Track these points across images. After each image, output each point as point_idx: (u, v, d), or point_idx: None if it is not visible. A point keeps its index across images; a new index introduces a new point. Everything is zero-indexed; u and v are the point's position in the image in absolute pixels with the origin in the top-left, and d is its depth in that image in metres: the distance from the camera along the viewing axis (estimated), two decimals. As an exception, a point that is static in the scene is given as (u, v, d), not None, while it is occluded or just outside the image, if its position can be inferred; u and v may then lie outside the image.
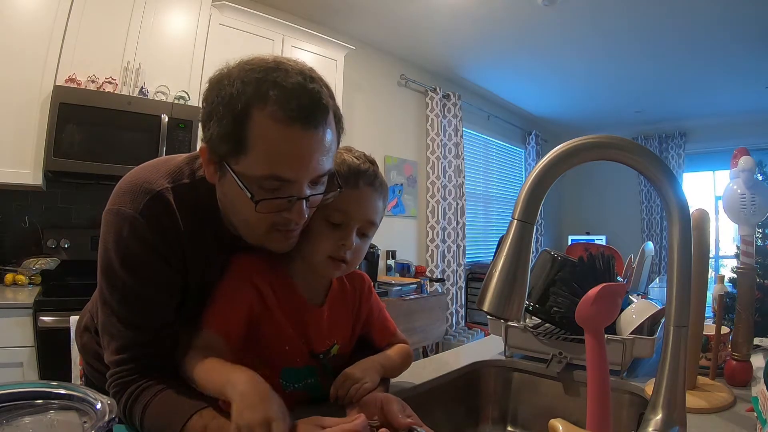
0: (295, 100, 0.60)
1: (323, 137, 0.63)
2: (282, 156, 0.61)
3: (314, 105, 0.62)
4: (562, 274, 1.02)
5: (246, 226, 0.69)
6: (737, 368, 0.90)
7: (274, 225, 0.67)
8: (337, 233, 0.72)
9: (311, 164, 0.63)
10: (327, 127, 0.64)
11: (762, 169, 0.94)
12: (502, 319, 1.05)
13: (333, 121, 0.67)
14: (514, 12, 3.24)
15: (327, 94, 0.65)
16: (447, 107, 4.45)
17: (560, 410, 0.98)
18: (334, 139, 0.67)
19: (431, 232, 4.33)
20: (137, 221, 0.66)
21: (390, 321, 0.92)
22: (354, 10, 3.29)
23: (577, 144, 0.52)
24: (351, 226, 0.72)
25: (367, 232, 0.76)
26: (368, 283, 0.89)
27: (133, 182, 0.70)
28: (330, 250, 0.72)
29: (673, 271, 0.53)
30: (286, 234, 0.69)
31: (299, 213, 0.65)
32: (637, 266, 1.63)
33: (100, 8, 2.23)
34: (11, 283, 2.11)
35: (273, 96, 0.59)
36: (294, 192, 0.64)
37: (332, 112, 0.66)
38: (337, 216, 0.72)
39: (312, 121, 0.61)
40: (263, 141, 0.60)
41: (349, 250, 0.73)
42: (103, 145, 2.15)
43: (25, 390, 0.48)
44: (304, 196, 0.64)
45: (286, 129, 0.60)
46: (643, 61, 3.98)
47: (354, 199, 0.72)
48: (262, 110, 0.59)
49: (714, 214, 4.75)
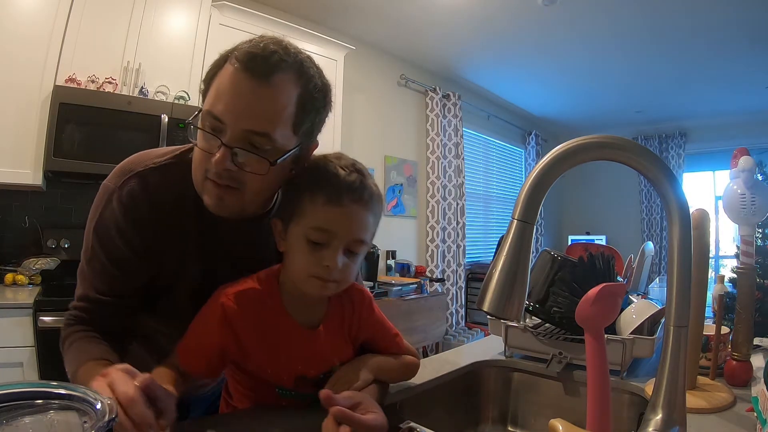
0: (254, 53, 0.64)
1: (264, 91, 0.64)
2: (221, 94, 0.65)
3: (266, 59, 0.63)
4: (562, 274, 1.02)
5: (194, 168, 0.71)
6: (737, 368, 0.90)
7: (206, 172, 0.68)
8: (319, 253, 0.66)
9: (240, 109, 0.64)
10: (273, 86, 0.64)
11: (762, 169, 0.94)
12: (502, 319, 1.05)
13: (290, 91, 0.66)
14: (514, 12, 3.24)
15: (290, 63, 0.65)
16: (447, 107, 4.45)
17: (560, 410, 0.98)
18: (288, 110, 0.66)
19: (431, 232, 4.33)
20: (114, 195, 0.72)
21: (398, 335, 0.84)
22: (354, 10, 3.29)
23: (577, 144, 0.52)
24: (335, 246, 0.66)
25: (357, 250, 0.69)
26: (368, 300, 0.81)
27: (126, 162, 0.76)
28: (312, 270, 0.67)
29: (673, 271, 0.53)
30: (216, 189, 0.67)
31: (219, 159, 0.64)
32: (637, 266, 1.63)
33: (100, 8, 2.24)
34: (11, 283, 2.11)
35: (241, 49, 0.65)
36: (224, 137, 0.65)
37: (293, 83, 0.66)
38: (316, 235, 0.66)
39: (256, 71, 0.63)
40: (216, 82, 0.66)
41: (336, 271, 0.67)
42: (103, 145, 2.15)
43: (25, 390, 0.48)
44: (228, 145, 0.64)
45: (234, 74, 0.64)
46: (643, 61, 3.98)
47: (337, 218, 0.66)
48: (230, 62, 0.65)
49: (714, 214, 4.75)
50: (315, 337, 0.74)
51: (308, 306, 0.75)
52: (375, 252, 3.36)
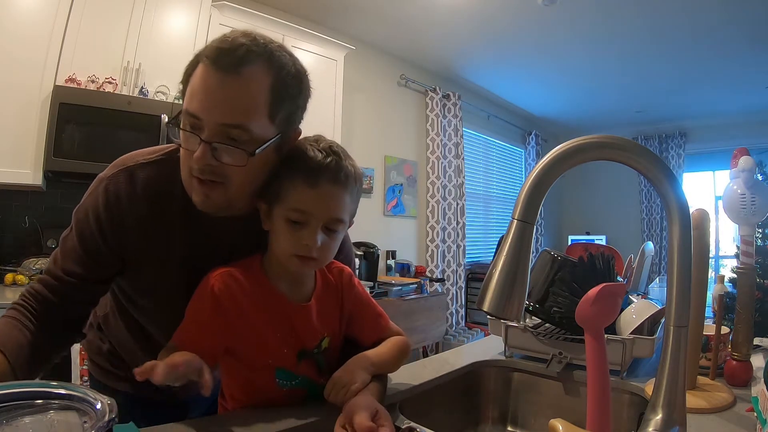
0: (221, 48, 0.65)
1: (234, 84, 0.65)
2: (194, 92, 0.66)
3: (233, 53, 0.64)
4: (562, 274, 1.02)
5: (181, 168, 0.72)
6: (737, 368, 0.90)
7: (191, 170, 0.69)
8: (299, 232, 0.70)
9: (213, 104, 0.65)
10: (243, 77, 0.65)
11: (762, 169, 0.94)
12: (502, 319, 1.05)
13: (261, 81, 0.66)
14: (514, 12, 3.24)
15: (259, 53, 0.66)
16: (447, 107, 4.45)
17: (560, 410, 0.98)
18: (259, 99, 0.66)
19: (431, 232, 4.33)
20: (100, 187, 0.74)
21: (382, 315, 0.88)
22: (354, 10, 3.29)
23: (577, 144, 0.52)
24: (312, 224, 0.70)
25: (335, 228, 0.73)
26: (348, 274, 0.86)
27: (121, 157, 0.78)
28: (294, 249, 0.70)
29: (673, 271, 0.53)
30: (202, 185, 0.69)
31: (198, 155, 0.66)
32: (637, 266, 1.63)
33: (100, 8, 2.23)
34: (11, 283, 2.10)
35: (209, 47, 0.66)
36: (202, 134, 0.66)
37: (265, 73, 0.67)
38: (295, 215, 0.70)
39: (223, 65, 0.64)
40: (191, 82, 0.67)
41: (315, 248, 0.70)
42: (103, 145, 2.15)
43: (25, 390, 0.48)
44: (206, 140, 0.65)
45: (205, 71, 0.65)
46: (643, 61, 3.98)
47: (313, 198, 0.70)
48: (201, 61, 0.66)
49: (714, 214, 4.75)
50: (307, 310, 0.77)
51: (296, 282, 0.78)
52: (375, 252, 3.36)
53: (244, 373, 0.76)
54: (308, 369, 0.78)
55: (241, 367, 0.76)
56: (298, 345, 0.77)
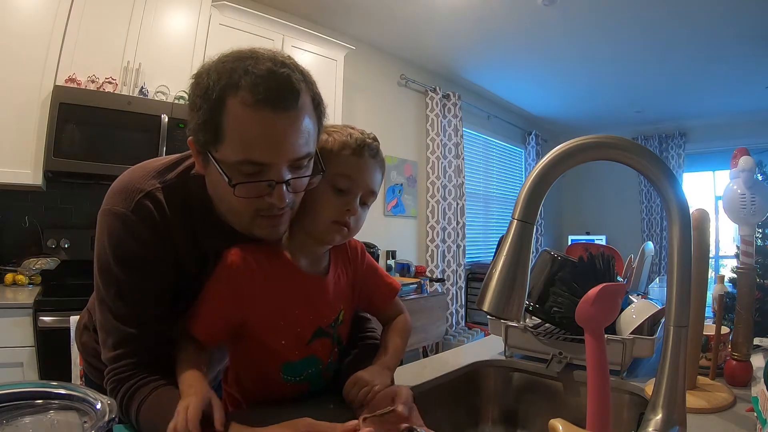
0: (264, 84, 0.61)
1: (296, 120, 0.64)
2: (254, 139, 0.63)
3: (282, 87, 0.63)
4: (562, 274, 1.02)
5: (233, 213, 0.71)
6: (737, 368, 0.90)
7: (258, 211, 0.68)
8: (341, 199, 0.74)
9: (284, 147, 0.64)
10: (300, 109, 0.64)
11: (762, 169, 0.94)
12: (502, 319, 1.05)
13: (309, 105, 0.67)
14: (514, 12, 3.24)
15: (299, 78, 0.65)
16: (447, 107, 4.45)
17: (560, 410, 0.98)
18: (312, 122, 0.67)
19: (431, 232, 4.33)
20: (129, 218, 0.69)
21: (392, 278, 0.94)
22: (354, 10, 3.29)
23: (577, 144, 0.52)
24: (355, 192, 0.75)
25: (368, 201, 0.78)
26: (360, 247, 0.91)
27: (124, 183, 0.72)
28: (335, 215, 0.74)
29: (673, 271, 0.53)
30: (271, 220, 0.69)
31: (280, 197, 0.66)
32: (637, 266, 1.63)
33: (100, 8, 2.24)
34: (11, 283, 2.11)
35: (243, 83, 0.61)
36: (272, 176, 0.65)
37: (307, 95, 0.67)
38: (343, 181, 0.74)
39: (281, 104, 0.62)
40: (236, 127, 0.62)
41: (353, 216, 0.75)
42: (103, 145, 2.15)
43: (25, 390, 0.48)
44: (282, 180, 0.65)
45: (256, 113, 0.61)
46: (643, 61, 3.98)
47: (360, 167, 0.75)
48: (234, 97, 0.61)
49: (714, 214, 4.75)
50: (325, 284, 0.80)
51: (313, 258, 0.80)
52: (375, 252, 3.36)
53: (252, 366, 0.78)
54: (320, 348, 0.79)
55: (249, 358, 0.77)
56: (315, 321, 0.78)
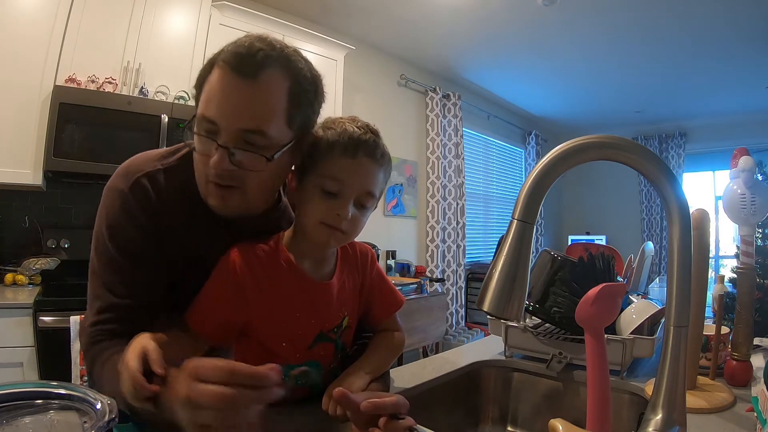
0: (237, 51, 0.64)
1: (255, 90, 0.64)
2: (212, 97, 0.65)
3: (251, 57, 0.64)
4: (562, 274, 1.02)
5: (197, 174, 0.72)
6: (737, 368, 0.90)
7: (208, 175, 0.68)
8: (332, 202, 0.70)
9: (235, 111, 0.64)
10: (263, 82, 0.65)
11: (762, 169, 0.94)
12: (502, 319, 1.05)
13: (280, 86, 0.66)
14: (514, 12, 3.24)
15: (276, 57, 0.66)
16: (447, 107, 4.45)
17: (560, 410, 0.98)
18: (279, 104, 0.66)
19: (431, 232, 4.33)
20: (127, 197, 0.70)
21: (398, 293, 0.90)
22: (354, 10, 3.29)
23: (577, 144, 0.52)
24: (347, 195, 0.70)
25: (366, 204, 0.73)
26: (371, 254, 0.88)
27: (128, 165, 0.75)
28: (322, 216, 0.70)
29: (673, 271, 0.53)
30: (219, 190, 0.68)
31: (216, 161, 0.65)
32: (637, 266, 1.63)
33: (100, 8, 2.24)
34: (11, 283, 2.11)
35: (226, 49, 0.66)
36: (219, 139, 0.65)
37: (282, 76, 0.66)
38: (331, 184, 0.70)
39: (243, 69, 0.63)
40: (206, 87, 0.67)
41: (345, 220, 0.70)
42: (103, 145, 2.15)
43: (25, 390, 0.48)
44: (225, 146, 0.65)
45: (223, 76, 0.64)
46: (643, 61, 3.98)
47: (351, 169, 0.70)
48: (216, 65, 0.66)
49: (714, 214, 4.75)
50: (329, 288, 0.77)
51: (317, 260, 0.78)
52: (375, 252, 3.36)
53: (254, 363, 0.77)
54: (322, 352, 0.78)
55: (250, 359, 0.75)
56: (317, 325, 0.76)
